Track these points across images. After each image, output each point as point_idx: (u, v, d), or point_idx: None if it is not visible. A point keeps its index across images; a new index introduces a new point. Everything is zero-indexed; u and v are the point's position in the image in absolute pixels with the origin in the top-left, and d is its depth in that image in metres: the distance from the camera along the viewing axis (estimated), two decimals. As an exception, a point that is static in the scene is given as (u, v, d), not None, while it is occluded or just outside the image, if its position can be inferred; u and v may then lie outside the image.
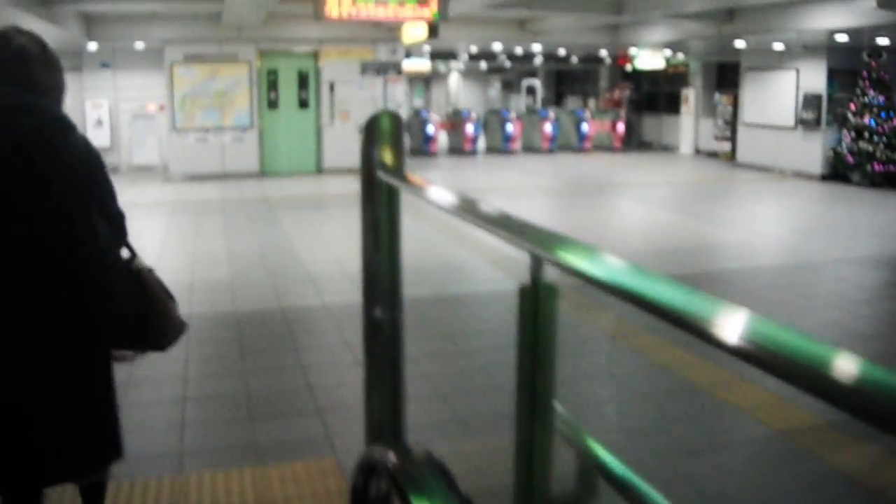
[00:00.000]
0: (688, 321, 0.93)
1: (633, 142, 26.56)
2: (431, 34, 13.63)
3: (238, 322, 6.73)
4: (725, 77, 23.53)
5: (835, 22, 13.71)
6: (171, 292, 2.95)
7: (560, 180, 17.27)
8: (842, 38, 15.45)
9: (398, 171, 2.42)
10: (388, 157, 2.38)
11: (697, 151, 24.21)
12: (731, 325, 0.86)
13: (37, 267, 2.50)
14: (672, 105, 26.05)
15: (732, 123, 22.14)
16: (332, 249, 9.61)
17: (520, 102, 30.82)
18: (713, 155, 23.19)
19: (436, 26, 13.54)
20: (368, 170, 2.36)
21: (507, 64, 31.00)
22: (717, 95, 22.85)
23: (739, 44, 17.90)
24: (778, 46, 18.08)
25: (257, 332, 6.51)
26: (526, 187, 15.85)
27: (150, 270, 2.89)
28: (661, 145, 26.37)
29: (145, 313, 2.79)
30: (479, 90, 39.39)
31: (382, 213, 2.37)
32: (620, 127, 24.83)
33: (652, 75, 26.90)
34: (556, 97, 34.49)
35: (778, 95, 19.16)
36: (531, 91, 30.30)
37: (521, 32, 19.05)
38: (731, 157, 22.14)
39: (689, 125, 24.39)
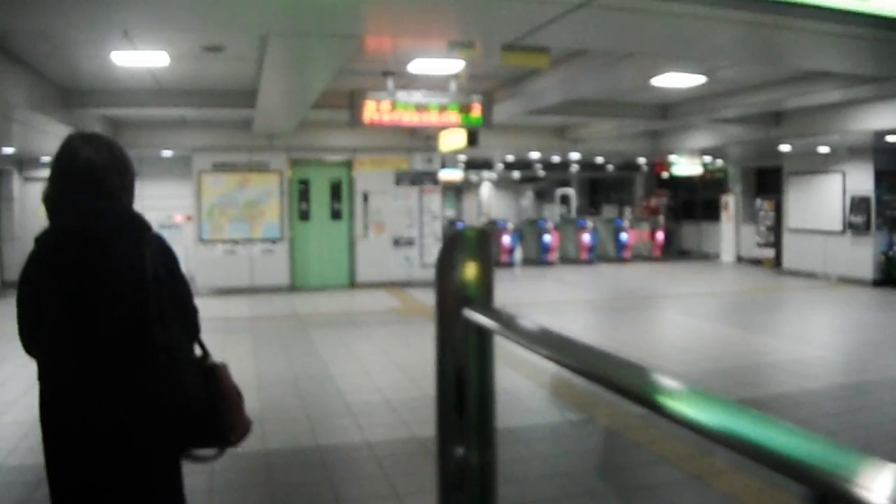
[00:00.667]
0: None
1: (673, 250, 25.92)
2: (471, 143, 13.18)
3: (269, 465, 5.91)
4: (766, 182, 23.00)
5: (884, 123, 13.13)
6: (239, 389, 2.95)
7: (604, 292, 16.54)
8: (893, 138, 14.86)
9: (490, 307, 1.85)
10: (475, 286, 1.89)
11: (739, 259, 23.52)
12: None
13: (112, 363, 2.55)
14: (711, 212, 25.50)
15: (775, 229, 21.49)
16: (371, 374, 8.85)
17: (554, 212, 30.42)
18: (756, 262, 22.48)
19: (476, 134, 13.10)
20: (447, 303, 1.91)
21: (542, 173, 30.76)
22: (758, 201, 22.27)
23: (784, 147, 17.38)
24: (823, 149, 17.52)
25: (291, 479, 5.65)
26: (569, 301, 15.12)
27: (223, 366, 2.89)
28: (700, 253, 25.71)
29: (217, 408, 2.78)
30: (511, 200, 39.12)
31: (470, 363, 1.83)
32: (660, 235, 24.24)
33: (688, 182, 26.49)
34: (590, 205, 34.12)
35: (824, 199, 18.52)
36: (565, 200, 29.90)
37: (559, 140, 18.64)
38: (775, 263, 21.43)
39: (730, 232, 23.75)
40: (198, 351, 2.85)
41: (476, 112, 10.28)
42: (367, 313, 13.49)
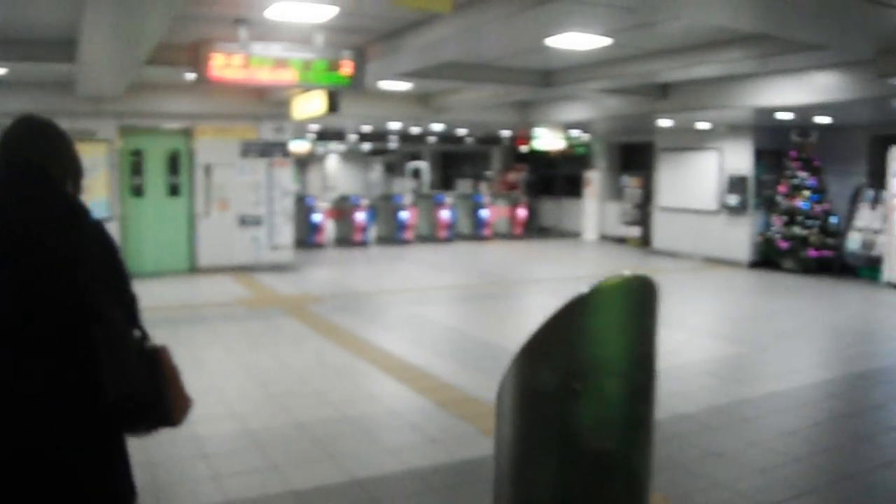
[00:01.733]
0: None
1: (533, 228, 24.91)
2: (332, 108, 11.45)
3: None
4: (632, 158, 22.24)
5: (787, 99, 12.22)
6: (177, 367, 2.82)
7: (469, 275, 15.11)
8: (785, 115, 14.07)
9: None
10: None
11: (602, 237, 22.71)
12: None
13: (48, 348, 2.51)
14: (572, 188, 24.64)
15: (642, 207, 20.73)
16: (224, 392, 7.01)
17: (405, 186, 28.92)
18: (620, 241, 21.70)
19: (337, 99, 11.40)
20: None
21: (393, 145, 29.19)
22: (624, 178, 21.46)
23: (664, 122, 16.43)
24: (703, 125, 16.68)
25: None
26: (434, 286, 13.61)
27: (164, 349, 2.83)
28: (562, 231, 24.82)
29: (162, 393, 2.73)
30: (358, 173, 37.42)
31: None
32: (521, 212, 23.08)
33: (547, 157, 25.50)
34: (443, 180, 32.84)
35: (698, 177, 17.76)
36: (417, 174, 28.46)
37: (422, 109, 17.05)
38: (642, 243, 20.69)
39: (593, 209, 22.91)
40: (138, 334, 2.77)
41: (346, 70, 8.56)
42: (212, 305, 11.57)
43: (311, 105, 12.11)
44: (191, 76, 9.14)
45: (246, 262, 15.05)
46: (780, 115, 14.03)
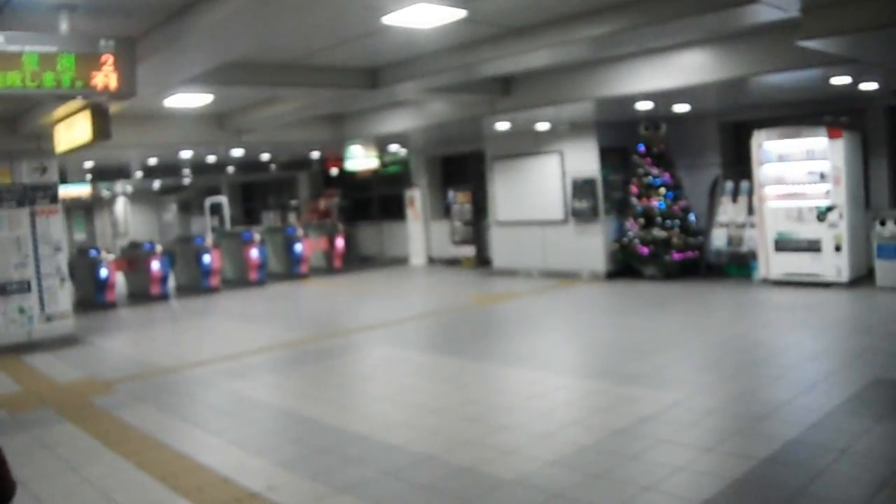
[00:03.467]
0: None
1: (353, 258, 22.56)
2: (99, 134, 8.67)
3: None
4: (456, 171, 20.35)
5: (652, 83, 10.46)
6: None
7: (291, 327, 12.43)
8: (645, 105, 12.38)
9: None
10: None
11: (431, 260, 20.67)
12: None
13: None
14: (392, 210, 22.46)
15: (475, 224, 18.82)
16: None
17: (205, 225, 25.93)
18: (453, 262, 19.71)
19: (106, 120, 8.64)
20: None
21: (187, 180, 26.13)
22: (450, 193, 19.48)
23: (501, 126, 14.46)
24: (542, 126, 14.86)
25: None
26: (251, 347, 10.84)
27: None
28: (385, 258, 22.58)
29: None
30: (151, 215, 33.93)
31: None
32: (339, 243, 20.60)
33: (361, 179, 23.28)
34: (247, 214, 29.99)
35: (540, 185, 15.96)
36: (217, 210, 25.53)
37: (218, 131, 14.31)
38: (478, 262, 18.77)
39: (419, 231, 20.87)
40: None
41: (108, 70, 5.95)
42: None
43: (74, 133, 9.29)
44: None
45: (13, 340, 11.87)
46: (640, 105, 12.33)
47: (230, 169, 22.47)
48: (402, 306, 13.81)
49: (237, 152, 17.43)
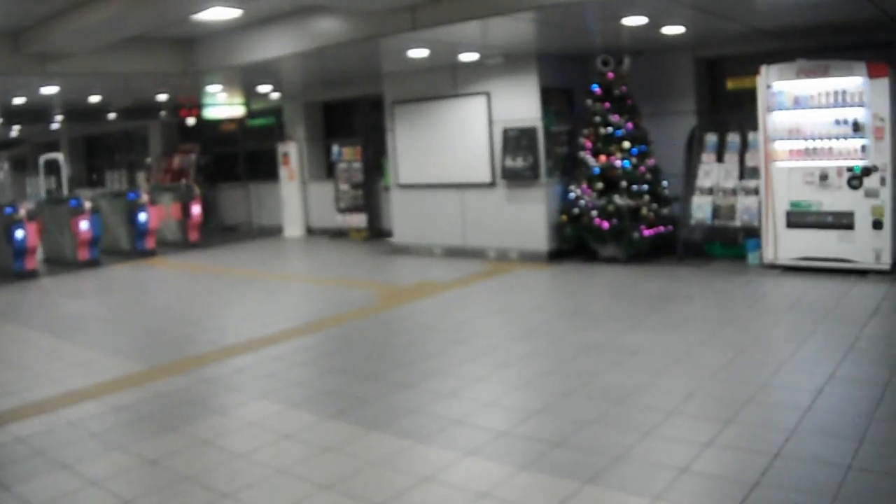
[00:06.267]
0: None
1: (213, 228, 18.43)
2: None
3: None
4: (343, 122, 16.44)
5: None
6: None
7: (124, 348, 8.16)
8: (637, 20, 8.67)
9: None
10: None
11: (310, 231, 16.78)
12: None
13: None
14: (263, 169, 18.37)
15: (367, 186, 15.00)
16: None
17: (38, 187, 21.37)
18: (340, 234, 15.87)
19: None
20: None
21: (15, 131, 21.50)
22: (335, 149, 15.60)
23: (416, 52, 10.49)
24: (467, 57, 11.06)
25: None
26: (65, 390, 6.72)
27: None
28: (254, 229, 18.50)
29: None
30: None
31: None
32: (196, 210, 16.34)
33: (224, 131, 19.17)
34: (90, 174, 25.37)
35: (460, 138, 12.22)
36: (54, 169, 20.89)
37: (15, 58, 9.87)
38: (370, 235, 15.01)
39: (295, 195, 16.91)
40: None
41: None
42: None
43: None
44: None
45: None
46: (629, 21, 8.61)
47: (58, 118, 17.90)
48: (279, 308, 9.75)
49: (50, 90, 12.86)
